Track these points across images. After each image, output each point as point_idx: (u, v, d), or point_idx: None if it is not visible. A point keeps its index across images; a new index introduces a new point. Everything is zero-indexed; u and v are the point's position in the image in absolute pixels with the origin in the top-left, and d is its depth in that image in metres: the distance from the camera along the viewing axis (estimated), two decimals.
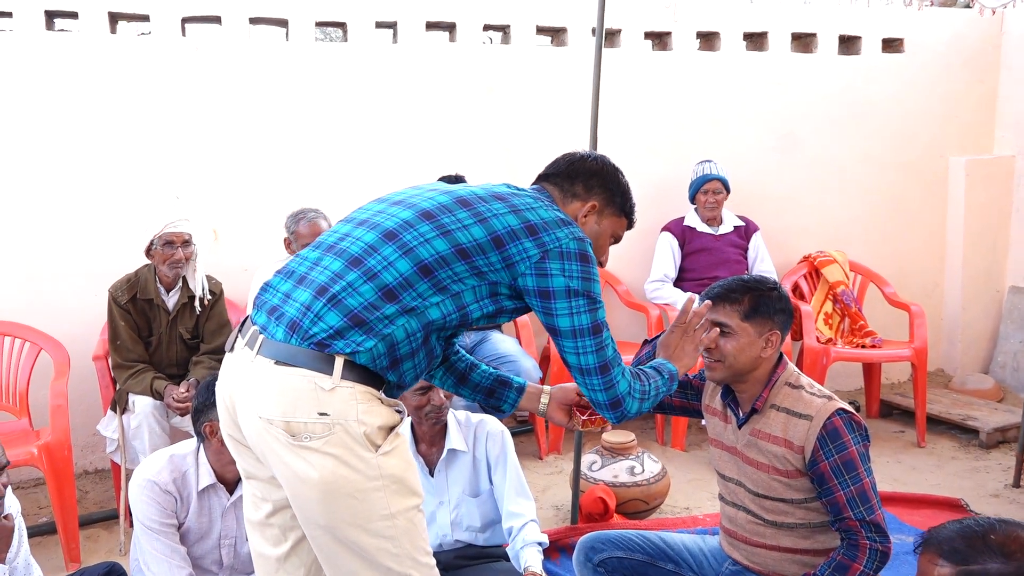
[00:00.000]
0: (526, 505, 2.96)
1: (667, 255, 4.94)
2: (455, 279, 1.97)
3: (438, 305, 1.96)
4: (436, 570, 2.02)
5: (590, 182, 2.23)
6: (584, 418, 2.37)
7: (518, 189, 2.15)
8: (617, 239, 2.30)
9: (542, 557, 2.88)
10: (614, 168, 2.28)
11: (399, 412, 1.98)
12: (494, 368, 2.45)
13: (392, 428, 1.94)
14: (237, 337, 2.04)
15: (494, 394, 2.41)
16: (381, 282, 1.92)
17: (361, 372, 1.90)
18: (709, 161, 4.93)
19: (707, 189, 4.88)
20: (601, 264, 2.19)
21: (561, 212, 2.11)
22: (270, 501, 2.08)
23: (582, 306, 2.01)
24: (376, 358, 1.91)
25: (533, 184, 2.27)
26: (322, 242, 2.08)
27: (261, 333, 1.95)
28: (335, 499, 1.87)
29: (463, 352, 2.41)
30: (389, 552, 1.92)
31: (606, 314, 2.08)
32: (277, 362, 1.89)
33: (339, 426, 1.86)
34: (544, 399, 2.42)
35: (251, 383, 1.92)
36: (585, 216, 2.20)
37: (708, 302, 2.40)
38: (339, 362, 1.87)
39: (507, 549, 2.96)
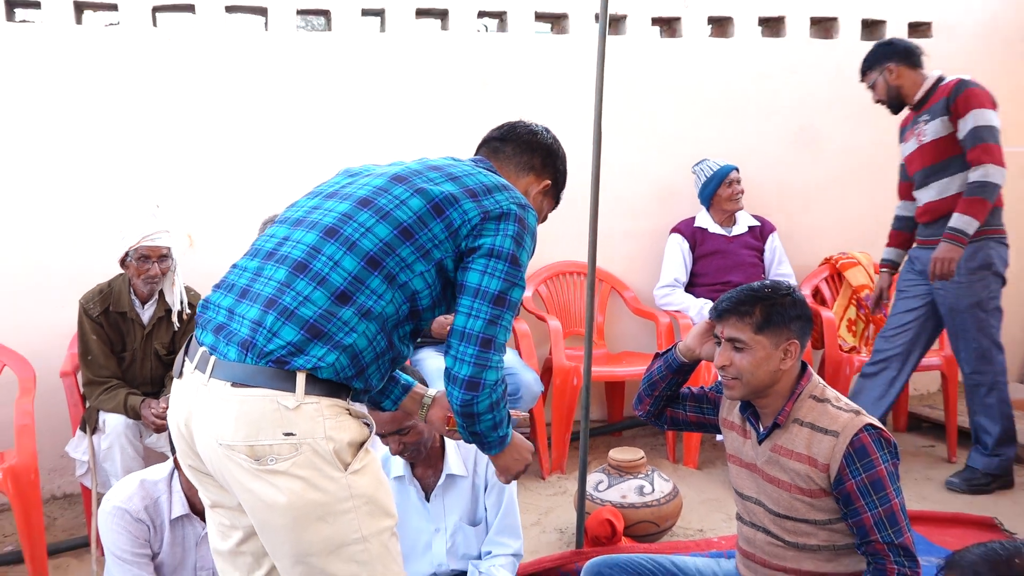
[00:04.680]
0: (512, 543, 2.97)
1: (677, 258, 4.95)
2: (402, 267, 1.98)
3: (391, 301, 1.98)
4: None
5: (548, 159, 2.32)
6: (454, 427, 2.33)
7: (456, 159, 2.20)
8: (544, 219, 2.39)
9: None
10: (564, 151, 2.39)
11: (367, 425, 1.99)
12: None
13: (361, 444, 1.95)
14: (184, 361, 2.03)
15: (383, 390, 2.40)
16: (331, 285, 1.93)
17: (325, 385, 1.91)
18: (706, 160, 4.95)
19: (731, 180, 4.90)
20: None
21: (502, 178, 2.15)
22: (240, 528, 2.09)
23: (499, 270, 2.03)
24: (340, 370, 1.92)
25: (475, 154, 2.34)
26: (260, 249, 2.07)
27: (211, 354, 1.94)
28: (305, 524, 1.88)
29: None
30: None
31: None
32: (234, 384, 1.88)
33: (306, 445, 1.86)
34: (427, 401, 2.42)
35: (207, 408, 1.92)
36: (537, 192, 2.31)
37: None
38: (301, 378, 1.88)
39: (471, 564, 2.95)
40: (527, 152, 2.31)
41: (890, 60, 4.34)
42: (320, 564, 1.91)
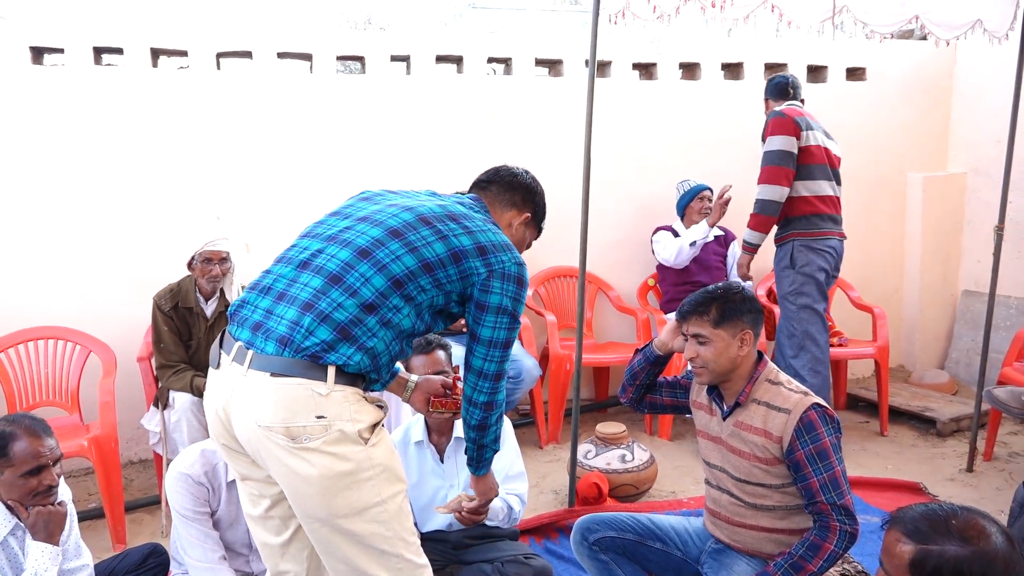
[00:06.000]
0: (521, 487, 2.94)
1: (672, 238, 4.80)
2: (420, 290, 1.99)
3: (407, 316, 1.98)
4: (421, 548, 2.01)
5: (527, 196, 2.32)
6: (436, 411, 2.43)
7: (463, 205, 2.16)
8: (528, 246, 2.40)
9: (502, 508, 2.81)
10: (542, 189, 2.39)
11: (381, 407, 1.98)
12: None
13: (377, 423, 1.94)
14: (220, 353, 1.99)
15: None
16: (362, 298, 1.92)
17: (350, 376, 1.90)
18: (688, 179, 4.89)
19: (703, 196, 4.84)
20: None
21: (505, 237, 2.15)
22: (268, 497, 2.06)
23: (505, 324, 2.08)
24: (363, 367, 1.91)
25: (470, 192, 2.31)
26: (293, 259, 2.03)
27: (248, 348, 1.90)
28: (334, 492, 1.86)
29: None
30: (382, 536, 1.91)
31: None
32: (273, 374, 1.85)
33: (335, 426, 1.85)
34: (410, 385, 2.42)
35: (247, 395, 1.88)
36: (519, 224, 2.30)
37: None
38: (332, 370, 1.87)
39: None
40: (509, 191, 2.31)
41: (766, 95, 4.34)
42: (347, 525, 1.88)
